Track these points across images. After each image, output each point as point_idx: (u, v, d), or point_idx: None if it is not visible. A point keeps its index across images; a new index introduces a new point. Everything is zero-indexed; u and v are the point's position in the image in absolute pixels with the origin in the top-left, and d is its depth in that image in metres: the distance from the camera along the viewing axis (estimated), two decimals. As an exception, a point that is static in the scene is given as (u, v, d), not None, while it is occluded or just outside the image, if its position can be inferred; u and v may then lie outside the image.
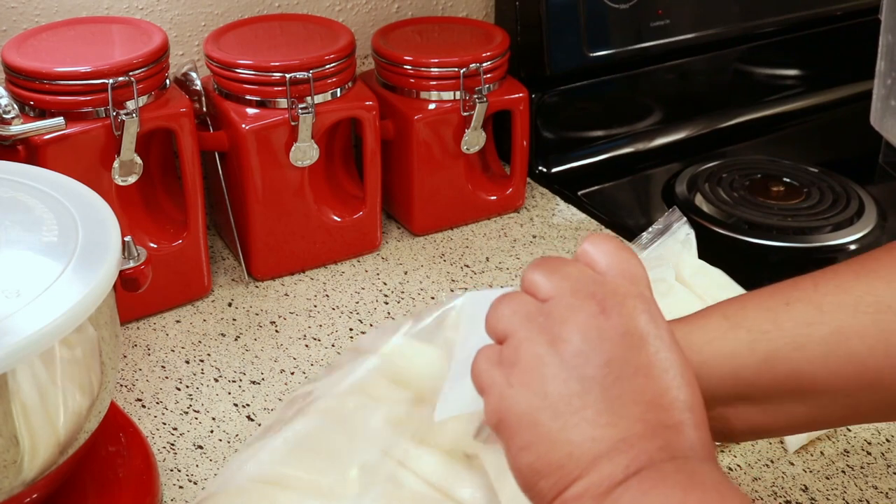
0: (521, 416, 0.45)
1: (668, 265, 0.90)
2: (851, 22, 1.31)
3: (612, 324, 0.46)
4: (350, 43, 0.94)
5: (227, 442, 0.77)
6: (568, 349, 0.45)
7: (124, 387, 0.82)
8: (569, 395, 0.44)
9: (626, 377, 0.45)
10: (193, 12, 1.02)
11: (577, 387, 0.44)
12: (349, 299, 0.94)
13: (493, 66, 1.00)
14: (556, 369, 0.45)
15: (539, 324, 0.46)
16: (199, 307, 0.93)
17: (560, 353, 0.45)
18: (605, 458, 0.43)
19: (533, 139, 1.12)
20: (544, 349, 0.46)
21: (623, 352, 0.45)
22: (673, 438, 0.44)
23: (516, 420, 0.45)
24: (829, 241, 1.05)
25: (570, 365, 0.45)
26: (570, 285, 0.47)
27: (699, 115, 1.26)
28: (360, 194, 1.00)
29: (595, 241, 0.50)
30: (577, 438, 0.44)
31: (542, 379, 0.45)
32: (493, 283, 0.96)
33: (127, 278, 0.62)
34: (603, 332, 0.45)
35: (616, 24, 1.13)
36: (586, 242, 0.50)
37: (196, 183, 0.89)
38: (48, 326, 0.54)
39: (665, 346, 0.46)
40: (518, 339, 0.47)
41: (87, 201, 0.64)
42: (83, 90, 0.81)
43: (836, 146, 1.29)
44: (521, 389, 0.45)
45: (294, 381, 0.83)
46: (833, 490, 0.73)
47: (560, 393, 0.44)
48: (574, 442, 0.44)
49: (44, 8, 0.95)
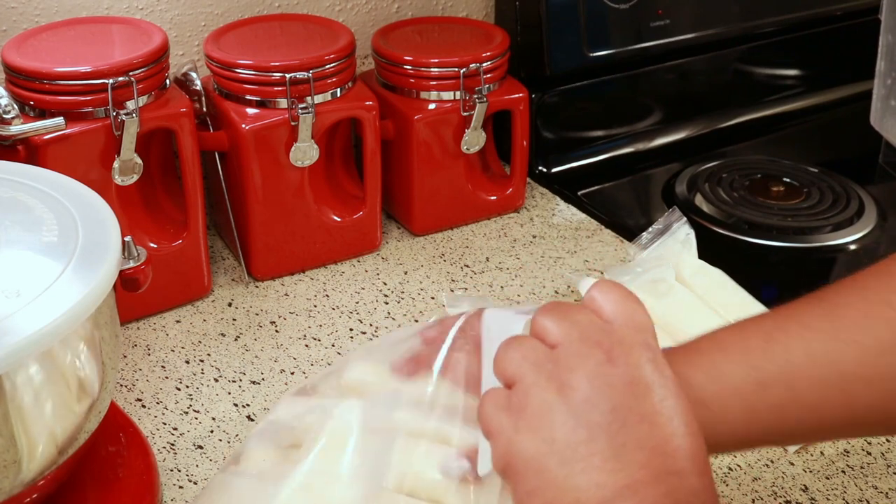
0: (529, 462, 0.46)
1: (668, 265, 0.90)
2: (851, 22, 1.31)
3: (619, 372, 0.47)
4: (350, 43, 0.94)
5: (227, 442, 0.77)
6: (575, 396, 0.46)
7: (124, 387, 0.82)
8: (576, 442, 0.45)
9: (631, 424, 0.46)
10: (193, 12, 1.02)
11: (583, 434, 0.45)
12: (349, 299, 0.94)
13: (493, 66, 1.00)
14: (563, 416, 0.46)
15: (547, 370, 0.47)
16: (199, 307, 0.93)
17: (567, 400, 0.46)
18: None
19: (533, 139, 1.12)
20: (552, 396, 0.47)
21: (629, 400, 0.46)
22: (676, 485, 0.45)
23: (524, 466, 0.46)
24: (829, 241, 1.05)
25: (577, 412, 0.46)
26: (579, 333, 0.48)
27: (699, 115, 1.26)
28: (360, 194, 1.00)
29: (602, 288, 0.51)
30: (583, 484, 0.45)
31: (550, 425, 0.46)
32: (493, 283, 0.96)
33: (127, 278, 0.62)
34: (609, 380, 0.46)
35: (616, 24, 1.13)
36: (594, 289, 0.51)
37: (196, 183, 0.89)
38: (48, 326, 0.54)
39: (670, 394, 0.47)
40: (526, 384, 0.48)
41: (87, 201, 0.64)
42: (83, 90, 0.81)
43: (836, 146, 1.29)
44: (529, 435, 0.46)
45: (294, 381, 0.83)
46: (833, 490, 0.73)
47: (567, 439, 0.46)
48: (580, 488, 0.45)
49: (44, 8, 0.95)
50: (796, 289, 1.02)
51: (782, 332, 0.53)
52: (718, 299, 0.88)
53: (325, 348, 0.87)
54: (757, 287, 0.90)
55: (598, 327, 0.49)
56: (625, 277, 0.90)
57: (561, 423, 0.46)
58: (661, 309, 0.86)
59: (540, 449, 0.46)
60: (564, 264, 1.00)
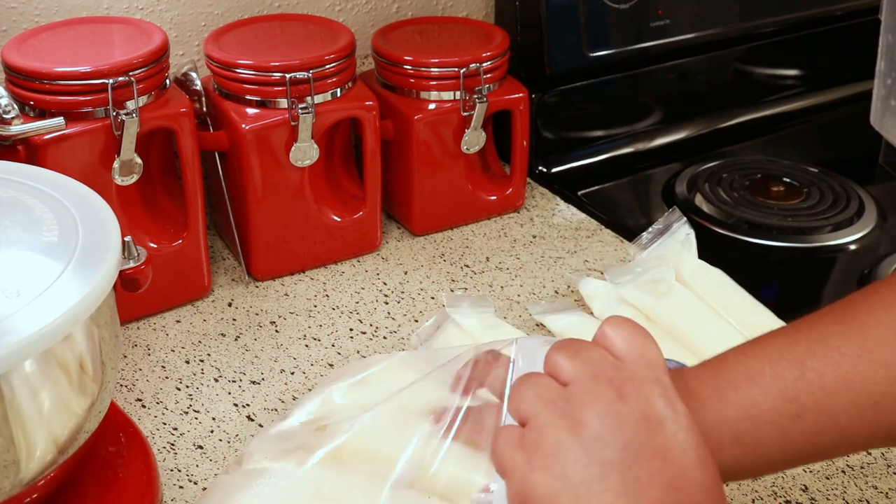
0: (544, 500, 0.47)
1: (668, 265, 0.90)
2: (851, 22, 1.31)
3: (630, 409, 0.47)
4: (350, 43, 0.94)
5: (227, 442, 0.77)
6: (588, 434, 0.47)
7: (124, 387, 0.82)
8: (589, 479, 0.46)
9: (643, 460, 0.46)
10: (193, 12, 1.02)
11: (596, 471, 0.46)
12: (349, 299, 0.94)
13: (493, 66, 1.00)
14: (576, 454, 0.47)
15: (560, 409, 0.48)
16: (199, 307, 0.93)
17: (580, 437, 0.47)
18: None
19: (533, 139, 1.12)
20: (565, 434, 0.47)
21: (641, 435, 0.47)
22: None
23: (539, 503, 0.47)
24: (829, 241, 1.05)
25: (589, 449, 0.47)
26: (591, 371, 0.49)
27: (699, 115, 1.26)
28: (360, 194, 1.00)
29: (614, 324, 0.52)
30: None
31: (563, 463, 0.47)
32: (493, 283, 0.96)
33: (127, 278, 0.62)
34: (621, 416, 0.47)
35: (616, 24, 1.13)
36: (606, 325, 0.52)
37: (196, 183, 0.89)
38: (48, 326, 0.54)
39: (682, 429, 0.48)
40: (540, 423, 0.48)
41: (87, 201, 0.64)
42: (83, 90, 0.81)
43: (836, 146, 1.29)
44: (543, 474, 0.47)
45: (294, 381, 0.83)
46: (833, 490, 0.73)
47: (580, 477, 0.46)
48: None
49: (44, 8, 0.95)
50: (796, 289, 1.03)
51: (815, 358, 0.53)
52: (718, 299, 0.88)
53: (325, 348, 0.87)
54: (757, 287, 0.90)
55: (609, 364, 0.50)
56: (625, 277, 0.90)
57: (573, 461, 0.46)
58: (661, 309, 0.86)
59: (554, 486, 0.46)
60: (564, 264, 1.00)
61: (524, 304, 0.93)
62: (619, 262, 0.99)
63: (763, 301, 0.89)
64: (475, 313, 0.84)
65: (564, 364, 0.50)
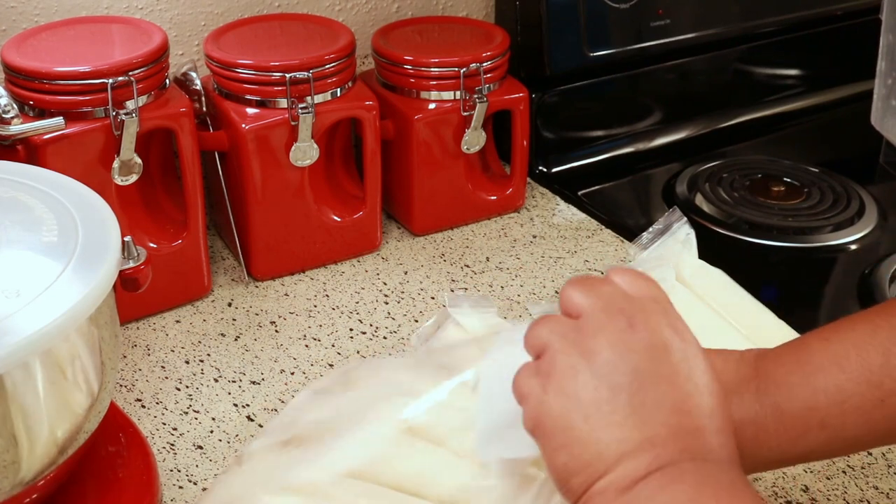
0: (556, 420, 0.49)
1: (668, 265, 0.90)
2: (851, 22, 1.31)
3: (639, 337, 0.50)
4: (350, 43, 0.94)
5: (227, 442, 0.77)
6: (598, 360, 0.49)
7: (124, 387, 0.82)
8: (598, 401, 0.48)
9: (650, 385, 0.49)
10: (193, 12, 1.02)
11: (606, 393, 0.48)
12: (349, 299, 0.94)
13: (493, 65, 1.00)
14: (587, 377, 0.49)
15: (572, 338, 0.51)
16: (199, 307, 0.93)
17: (591, 363, 0.49)
18: (630, 457, 0.47)
19: (533, 139, 1.12)
20: (577, 360, 0.50)
21: (648, 362, 0.49)
22: (692, 442, 0.48)
23: (551, 423, 0.49)
24: (830, 241, 1.05)
25: (599, 374, 0.49)
26: (603, 303, 0.51)
27: (699, 115, 1.26)
28: (360, 194, 1.00)
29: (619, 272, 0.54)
30: (605, 439, 0.48)
31: (575, 386, 0.49)
32: (493, 283, 0.96)
33: (127, 278, 0.62)
34: (630, 344, 0.50)
35: (616, 24, 1.13)
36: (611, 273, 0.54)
37: (196, 183, 0.89)
38: (48, 326, 0.54)
39: (689, 356, 0.50)
40: (553, 351, 0.51)
41: (87, 201, 0.64)
42: (83, 90, 0.81)
43: (837, 146, 1.29)
44: (556, 396, 0.49)
45: (294, 381, 0.83)
46: (834, 490, 0.73)
47: (591, 399, 0.49)
48: (603, 442, 0.48)
49: (43, 7, 0.95)
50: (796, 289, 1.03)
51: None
52: (718, 299, 0.88)
53: (325, 348, 0.87)
54: (757, 287, 0.90)
55: (621, 296, 0.52)
56: (625, 277, 0.90)
57: (584, 384, 0.49)
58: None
59: (566, 407, 0.49)
60: (564, 264, 1.00)
61: (524, 304, 0.93)
62: (619, 262, 0.99)
63: (763, 301, 0.88)
64: (477, 313, 0.84)
65: (578, 298, 0.52)
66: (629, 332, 0.50)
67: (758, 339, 0.83)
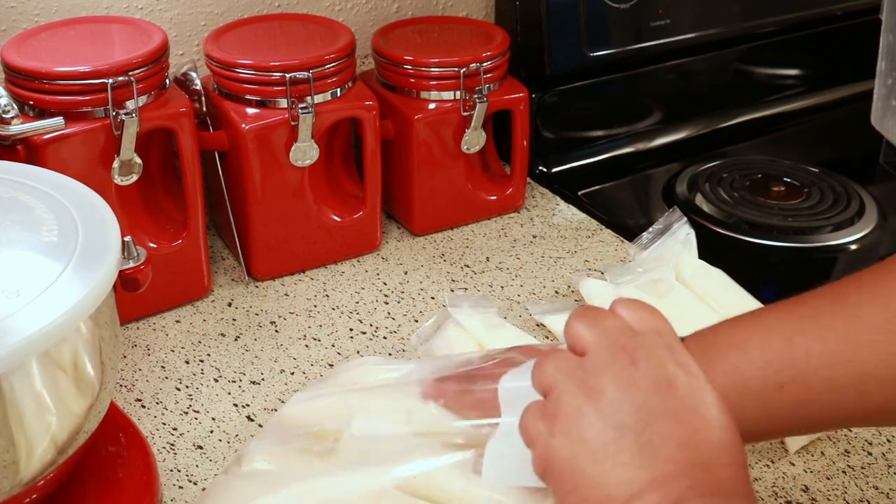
0: (565, 463, 0.49)
1: (668, 265, 0.90)
2: (851, 22, 1.31)
3: (642, 374, 0.50)
4: (350, 43, 0.94)
5: (227, 442, 0.77)
6: (603, 399, 0.49)
7: (124, 387, 0.82)
8: (605, 442, 0.48)
9: (655, 422, 0.49)
10: (193, 12, 1.02)
11: (612, 434, 0.48)
12: (349, 299, 0.94)
13: (493, 65, 1.00)
14: (592, 418, 0.49)
15: (578, 377, 0.51)
16: (199, 307, 0.93)
17: (596, 403, 0.49)
18: (638, 498, 0.47)
19: (533, 139, 1.12)
20: (582, 400, 0.50)
21: (652, 399, 0.49)
22: (702, 477, 0.48)
23: (560, 467, 0.50)
24: (830, 241, 1.05)
25: (605, 414, 0.49)
26: (607, 339, 0.51)
27: (699, 115, 1.26)
28: (360, 194, 1.00)
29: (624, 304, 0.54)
30: (613, 481, 0.48)
31: (581, 427, 0.49)
32: (493, 283, 0.96)
33: (127, 278, 0.62)
34: (634, 381, 0.50)
35: (616, 24, 1.13)
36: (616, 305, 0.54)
37: (196, 183, 0.89)
38: (48, 326, 0.54)
39: (694, 390, 0.50)
40: (559, 392, 0.51)
41: (87, 201, 0.64)
42: (83, 90, 0.81)
43: (837, 146, 1.29)
44: (563, 439, 0.50)
45: (294, 381, 0.83)
46: (834, 490, 0.73)
47: (597, 440, 0.49)
48: (611, 484, 0.48)
49: (43, 7, 0.95)
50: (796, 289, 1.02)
51: (804, 333, 0.55)
52: (718, 299, 0.88)
53: (325, 348, 0.87)
54: (757, 287, 0.90)
55: (625, 332, 0.52)
56: (625, 277, 0.90)
57: (590, 425, 0.49)
58: (661, 309, 0.86)
59: (573, 450, 0.49)
60: (564, 264, 1.00)
61: (524, 305, 0.93)
62: (619, 262, 0.99)
63: (763, 301, 0.88)
64: (477, 313, 0.84)
65: (583, 333, 0.52)
66: (633, 369, 0.50)
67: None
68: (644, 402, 0.49)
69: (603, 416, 0.49)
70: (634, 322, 0.53)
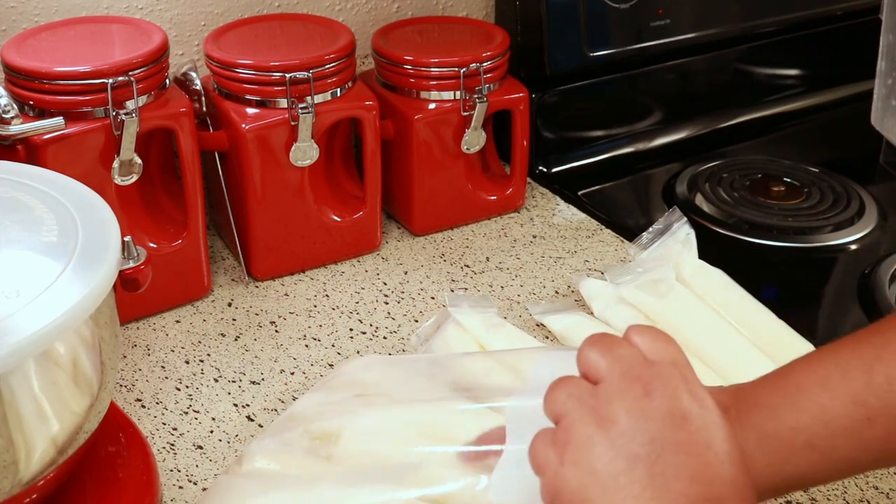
0: (574, 493, 0.48)
1: (668, 265, 0.90)
2: (851, 22, 1.31)
3: (656, 405, 0.49)
4: (350, 43, 0.94)
5: (227, 442, 0.77)
6: (615, 429, 0.49)
7: (124, 387, 0.82)
8: (616, 473, 0.47)
9: (668, 454, 0.48)
10: (193, 12, 1.02)
11: (623, 464, 0.48)
12: (349, 299, 0.94)
13: (493, 65, 1.00)
14: (603, 448, 0.48)
15: (590, 405, 0.50)
16: (199, 307, 0.93)
17: (608, 432, 0.49)
18: None
19: (533, 139, 1.12)
20: (593, 429, 0.49)
21: (665, 430, 0.48)
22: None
23: (569, 496, 0.49)
24: (830, 241, 1.05)
25: (616, 444, 0.48)
26: (620, 368, 0.51)
27: (699, 115, 1.26)
28: (360, 194, 1.00)
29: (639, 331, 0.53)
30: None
31: (591, 457, 0.48)
32: (493, 283, 0.96)
33: (127, 278, 0.62)
34: (647, 412, 0.49)
35: (616, 24, 1.13)
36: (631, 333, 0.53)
37: (196, 183, 0.89)
38: (48, 326, 0.53)
39: (708, 424, 0.49)
40: (570, 420, 0.50)
41: (87, 201, 0.64)
42: (83, 90, 0.81)
43: (837, 146, 1.29)
44: (573, 468, 0.49)
45: (294, 381, 0.83)
46: (834, 490, 0.73)
47: (608, 470, 0.48)
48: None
49: (43, 7, 0.95)
50: (796, 289, 1.03)
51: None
52: (718, 299, 0.88)
53: (325, 348, 0.87)
54: (757, 287, 0.90)
55: (639, 362, 0.51)
56: (625, 277, 0.90)
57: (601, 455, 0.48)
58: (662, 309, 0.86)
59: (583, 480, 0.48)
60: (564, 264, 1.00)
61: (524, 305, 0.93)
62: (619, 262, 0.99)
63: (763, 301, 0.89)
64: (477, 313, 0.84)
65: (597, 360, 0.51)
66: (646, 399, 0.49)
67: (758, 339, 0.84)
68: (657, 434, 0.48)
69: (614, 446, 0.48)
70: (649, 351, 0.52)
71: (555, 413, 0.51)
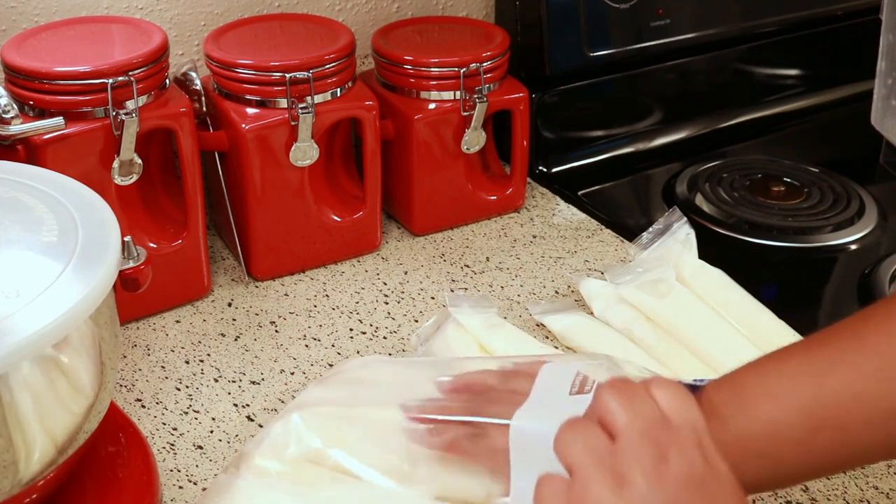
0: None
1: (668, 265, 0.90)
2: (851, 22, 1.31)
3: (674, 471, 0.49)
4: (350, 43, 0.94)
5: (227, 442, 0.77)
6: (631, 493, 0.48)
7: (124, 387, 0.82)
8: None
9: None
10: (193, 12, 1.02)
11: None
12: (349, 299, 0.94)
13: (493, 65, 1.00)
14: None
15: (607, 464, 0.49)
16: (199, 307, 0.93)
17: (624, 496, 0.48)
18: None
19: (533, 139, 1.12)
20: (609, 493, 0.48)
21: (682, 495, 0.48)
22: None
23: None
24: (830, 241, 1.05)
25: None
26: (640, 427, 0.50)
27: (699, 115, 1.26)
28: (360, 194, 1.00)
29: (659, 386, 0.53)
30: None
31: None
32: (493, 283, 0.96)
33: (127, 278, 0.62)
34: (664, 477, 0.49)
35: (616, 24, 1.13)
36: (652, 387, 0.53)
37: (196, 183, 0.89)
38: (48, 326, 0.54)
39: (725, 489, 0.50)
40: (586, 478, 0.49)
41: (87, 201, 0.64)
42: (83, 90, 0.81)
43: (837, 146, 1.29)
44: None
45: (294, 382, 0.83)
46: (833, 490, 0.73)
47: None
48: None
49: (43, 7, 0.95)
50: (796, 289, 1.03)
51: (831, 376, 0.56)
52: (718, 299, 0.88)
53: (325, 348, 0.87)
54: (757, 287, 0.90)
55: (658, 423, 0.51)
56: (625, 277, 0.90)
57: None
58: (662, 309, 0.86)
59: None
60: (565, 264, 1.00)
61: (524, 305, 0.93)
62: (619, 262, 0.99)
63: (763, 301, 0.89)
64: (477, 313, 0.84)
65: (616, 412, 0.51)
66: (664, 464, 0.49)
67: (758, 339, 0.84)
68: (673, 500, 0.48)
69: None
70: (669, 410, 0.52)
71: (569, 463, 0.51)
